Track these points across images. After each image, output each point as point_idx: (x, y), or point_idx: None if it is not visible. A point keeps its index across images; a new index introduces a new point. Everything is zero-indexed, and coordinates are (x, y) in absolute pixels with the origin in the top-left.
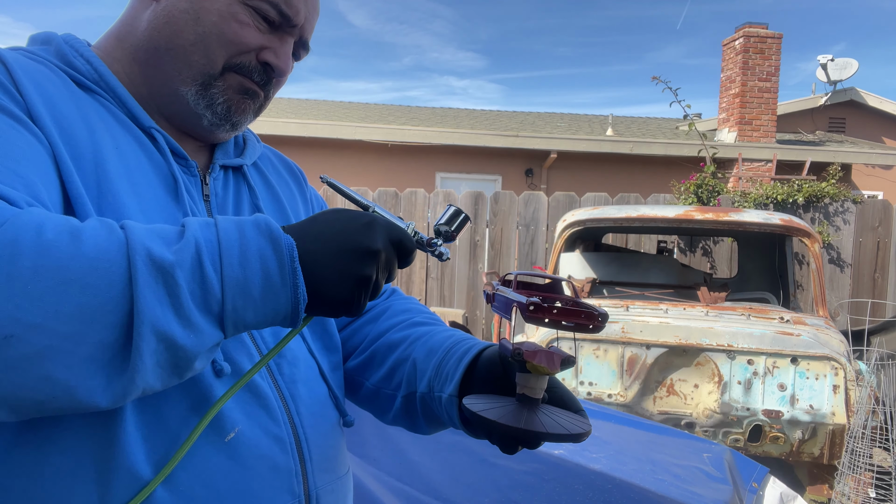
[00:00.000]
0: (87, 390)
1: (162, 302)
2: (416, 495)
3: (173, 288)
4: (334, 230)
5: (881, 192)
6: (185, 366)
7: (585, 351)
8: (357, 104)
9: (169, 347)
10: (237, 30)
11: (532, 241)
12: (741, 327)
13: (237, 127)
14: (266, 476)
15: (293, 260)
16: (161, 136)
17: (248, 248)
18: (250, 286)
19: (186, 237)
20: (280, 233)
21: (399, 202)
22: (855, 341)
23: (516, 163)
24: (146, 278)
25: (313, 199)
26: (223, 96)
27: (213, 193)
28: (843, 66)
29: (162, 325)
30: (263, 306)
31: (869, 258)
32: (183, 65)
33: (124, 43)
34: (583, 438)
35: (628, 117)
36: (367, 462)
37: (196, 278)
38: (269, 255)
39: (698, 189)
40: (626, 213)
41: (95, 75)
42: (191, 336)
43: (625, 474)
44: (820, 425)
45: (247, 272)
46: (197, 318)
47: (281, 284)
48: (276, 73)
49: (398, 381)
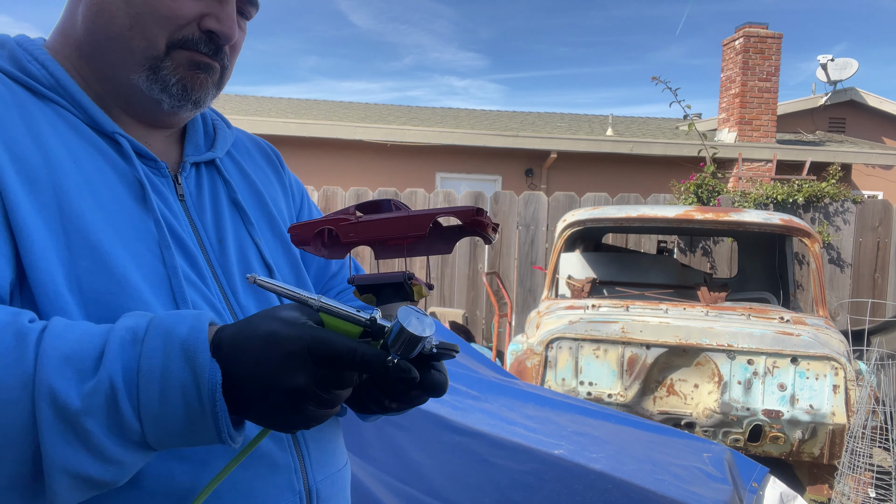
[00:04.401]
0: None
1: (71, 444)
2: (416, 495)
3: (82, 433)
4: (256, 361)
5: (881, 192)
6: (110, 487)
7: (585, 351)
8: (357, 104)
9: (86, 481)
10: (170, 3)
11: (532, 241)
12: (741, 327)
13: (200, 104)
14: (266, 475)
15: (215, 402)
16: (125, 141)
17: (169, 379)
18: (170, 421)
19: (100, 374)
20: (205, 363)
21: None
22: (855, 341)
23: (516, 163)
24: (51, 422)
25: (292, 185)
26: (175, 76)
27: (188, 193)
28: (843, 66)
29: (73, 466)
30: (190, 437)
31: (869, 258)
32: (126, 52)
33: (69, 39)
34: None
35: (628, 117)
36: (367, 462)
37: (111, 416)
38: (191, 388)
39: (698, 189)
40: (626, 213)
41: (52, 80)
42: (110, 469)
43: (625, 474)
44: (820, 425)
45: (166, 408)
46: (115, 453)
47: (202, 421)
48: (223, 40)
49: None
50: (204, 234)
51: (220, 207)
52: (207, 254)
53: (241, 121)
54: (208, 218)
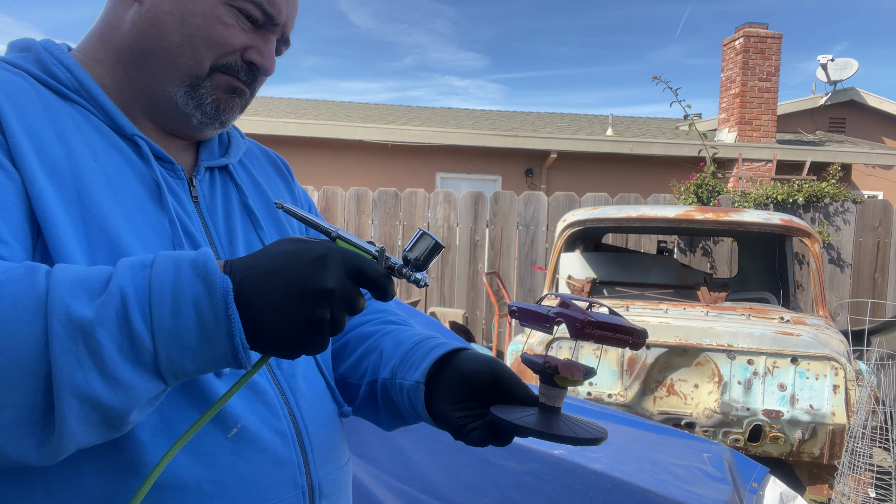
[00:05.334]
0: (19, 450)
1: (83, 363)
2: (416, 495)
3: (94, 347)
4: (281, 267)
5: (881, 192)
6: (119, 422)
7: (585, 351)
8: (357, 104)
9: (95, 408)
10: (222, 31)
11: (532, 241)
12: (741, 327)
13: (225, 125)
14: (270, 469)
15: (227, 306)
16: (144, 143)
17: (181, 293)
18: (184, 335)
19: (111, 287)
20: (216, 274)
21: (399, 202)
22: (855, 341)
23: (516, 163)
24: (63, 340)
25: (301, 195)
26: (212, 96)
27: (201, 195)
28: (843, 66)
29: (83, 388)
30: (203, 354)
31: (869, 258)
32: (170, 67)
33: (107, 45)
34: (601, 441)
35: (628, 117)
36: (367, 462)
37: (123, 331)
38: (203, 300)
39: (698, 189)
40: (626, 213)
41: (76, 83)
42: (119, 394)
43: (625, 474)
44: (820, 425)
45: (179, 321)
46: (125, 375)
47: (216, 332)
48: (262, 72)
49: (363, 370)
50: (215, 234)
51: (232, 210)
52: (218, 253)
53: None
54: (220, 220)
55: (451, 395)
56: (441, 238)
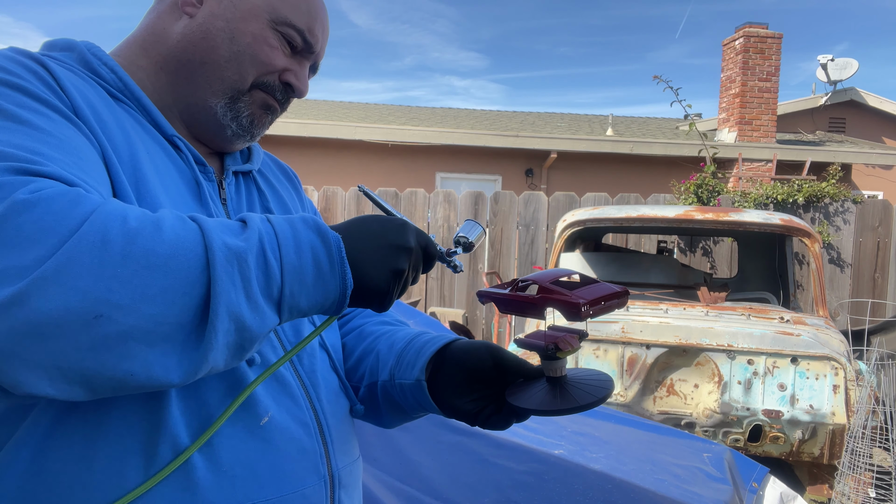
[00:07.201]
0: (164, 368)
1: (236, 285)
2: (416, 495)
3: (246, 272)
4: (373, 229)
5: (881, 192)
6: (249, 347)
7: (585, 351)
8: (357, 104)
9: (239, 329)
10: (268, 52)
11: (532, 241)
12: (741, 327)
13: (254, 139)
14: (295, 457)
15: (340, 251)
16: (183, 144)
17: (300, 240)
18: (305, 273)
19: (251, 228)
20: (327, 228)
21: (399, 202)
22: (855, 341)
23: (516, 163)
24: (223, 263)
25: (307, 202)
26: (248, 110)
27: (229, 197)
28: (843, 66)
29: (235, 307)
30: (315, 293)
31: (869, 258)
32: (216, 78)
33: (150, 52)
34: (610, 394)
35: (628, 117)
36: (367, 462)
37: (260, 265)
38: (319, 247)
39: (698, 189)
40: (626, 213)
41: (120, 84)
42: (257, 319)
43: (625, 474)
44: (820, 425)
45: (301, 261)
46: (262, 302)
47: (330, 273)
48: (296, 94)
49: (361, 373)
50: None
51: (255, 212)
52: None
53: None
54: None
55: (458, 387)
56: (441, 238)
